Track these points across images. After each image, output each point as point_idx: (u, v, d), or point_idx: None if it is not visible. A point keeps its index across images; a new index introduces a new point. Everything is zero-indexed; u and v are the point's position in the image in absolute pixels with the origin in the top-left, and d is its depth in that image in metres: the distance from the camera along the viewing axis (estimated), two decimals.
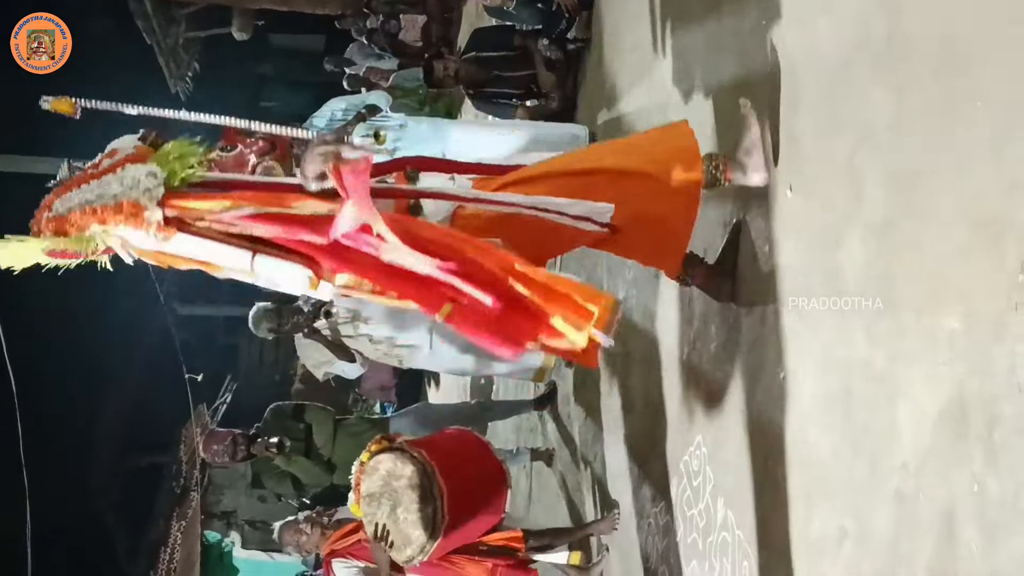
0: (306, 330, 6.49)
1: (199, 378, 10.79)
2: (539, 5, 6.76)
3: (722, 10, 4.12)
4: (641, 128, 5.02)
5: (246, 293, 4.95)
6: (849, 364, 2.97)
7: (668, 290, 4.57)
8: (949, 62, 2.51)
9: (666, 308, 4.59)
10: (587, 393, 6.11)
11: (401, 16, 11.56)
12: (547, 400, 7.02)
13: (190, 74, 17.11)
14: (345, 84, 12.33)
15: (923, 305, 2.58)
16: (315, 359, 6.95)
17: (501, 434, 8.34)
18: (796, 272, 3.34)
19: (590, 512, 5.89)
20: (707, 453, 4.05)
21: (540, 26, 6.84)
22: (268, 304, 6.54)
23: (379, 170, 3.29)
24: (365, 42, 12.36)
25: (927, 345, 2.55)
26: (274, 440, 6.42)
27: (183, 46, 15.92)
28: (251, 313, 6.58)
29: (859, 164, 2.96)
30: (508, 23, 7.23)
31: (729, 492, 3.84)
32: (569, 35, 6.72)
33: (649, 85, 5.14)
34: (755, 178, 3.47)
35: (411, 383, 13.29)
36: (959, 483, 2.39)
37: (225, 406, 15.09)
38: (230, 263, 3.01)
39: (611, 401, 5.52)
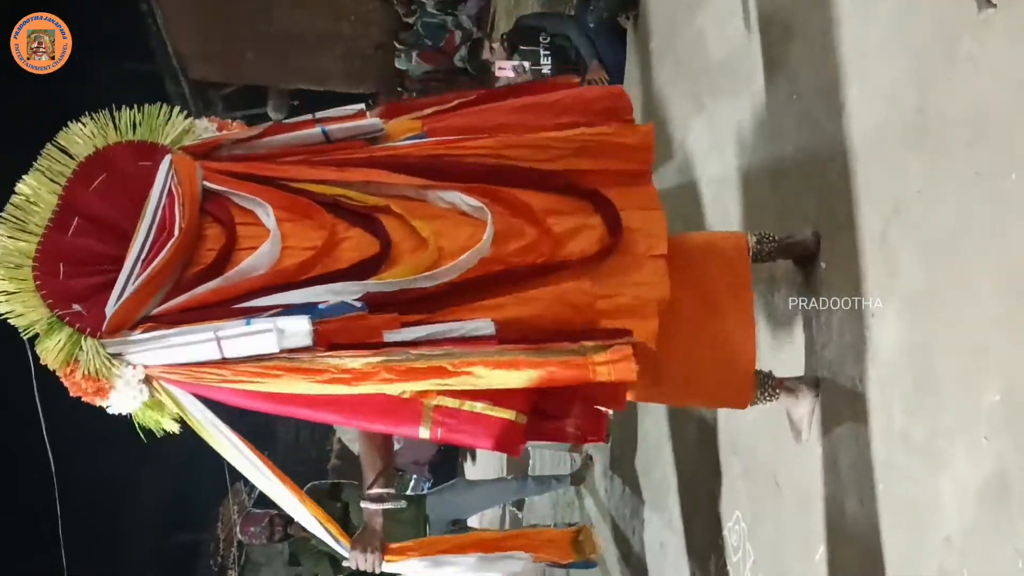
0: None
1: None
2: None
3: (753, 83, 4.16)
4: (677, 203, 5.05)
5: None
6: (888, 436, 2.95)
7: None
8: (982, 133, 2.52)
9: None
10: (624, 467, 6.07)
11: (433, 94, 11.73)
12: (584, 474, 6.98)
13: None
14: None
15: (962, 377, 2.56)
16: (351, 433, 6.94)
17: (538, 509, 8.29)
18: (832, 345, 3.33)
19: None
20: (746, 529, 4.01)
21: None
22: None
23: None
24: None
25: (967, 418, 2.53)
26: None
27: None
28: None
29: (893, 236, 2.96)
30: None
31: (769, 568, 3.80)
32: None
33: (682, 158, 5.17)
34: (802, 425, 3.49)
35: (447, 457, 13.25)
36: (1003, 559, 2.36)
37: None
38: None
39: (649, 476, 5.48)
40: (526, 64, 6.63)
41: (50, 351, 2.86)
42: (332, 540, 3.14)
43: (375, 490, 3.06)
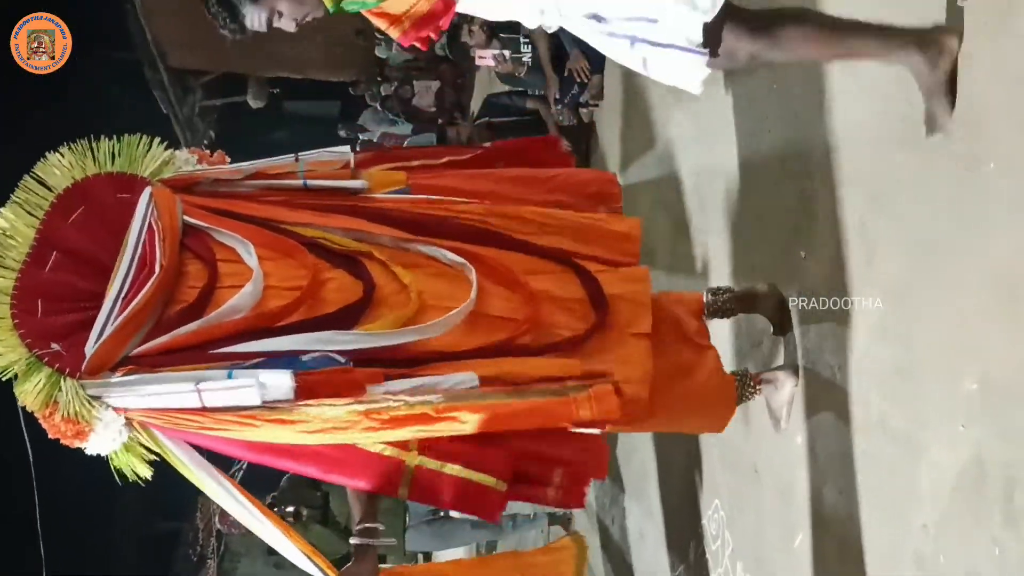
0: None
1: None
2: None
3: (733, 72, 4.16)
4: (657, 192, 5.05)
5: None
6: (867, 425, 2.96)
7: None
8: (964, 125, 2.53)
9: None
10: None
11: (415, 82, 11.69)
12: None
13: (206, 142, 17.25)
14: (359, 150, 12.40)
15: (940, 366, 2.58)
16: None
17: None
18: (810, 335, 3.35)
19: None
20: (725, 517, 4.03)
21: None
22: None
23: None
24: (379, 108, 12.47)
25: (945, 407, 2.55)
26: (291, 509, 6.41)
27: (199, 115, 16.08)
28: None
29: (872, 226, 2.97)
30: (520, 89, 7.30)
31: (748, 556, 3.81)
32: (582, 99, 6.78)
33: (664, 148, 5.18)
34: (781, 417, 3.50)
35: None
36: (980, 546, 2.38)
37: (242, 472, 15.08)
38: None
39: (629, 466, 5.49)
40: (507, 53, 6.62)
41: (29, 393, 2.81)
42: (320, 573, 3.11)
43: (365, 525, 3.03)
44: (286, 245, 3.03)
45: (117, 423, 2.84)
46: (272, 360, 2.82)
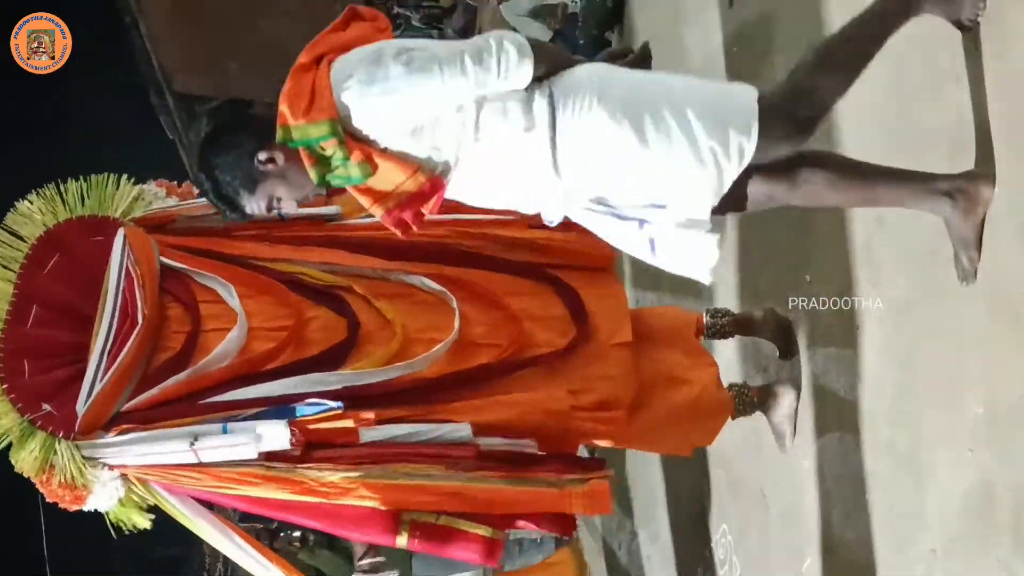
0: None
1: None
2: None
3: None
4: None
5: None
6: (874, 448, 2.96)
7: None
8: (962, 145, 2.53)
9: None
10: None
11: None
12: None
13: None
14: None
15: (946, 389, 2.57)
16: None
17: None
18: (817, 358, 3.35)
19: None
20: (732, 542, 4.01)
21: None
22: None
23: None
24: None
25: (951, 430, 2.54)
26: (297, 534, 6.40)
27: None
28: None
29: (877, 245, 2.97)
30: None
31: None
32: None
33: None
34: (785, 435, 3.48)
35: None
36: (987, 570, 2.36)
37: None
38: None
39: (636, 489, 5.48)
40: None
41: (25, 460, 2.83)
42: None
43: (367, 561, 3.03)
44: (266, 283, 3.07)
45: (114, 482, 2.86)
46: (266, 411, 2.86)
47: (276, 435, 2.78)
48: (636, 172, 2.29)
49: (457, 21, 11.89)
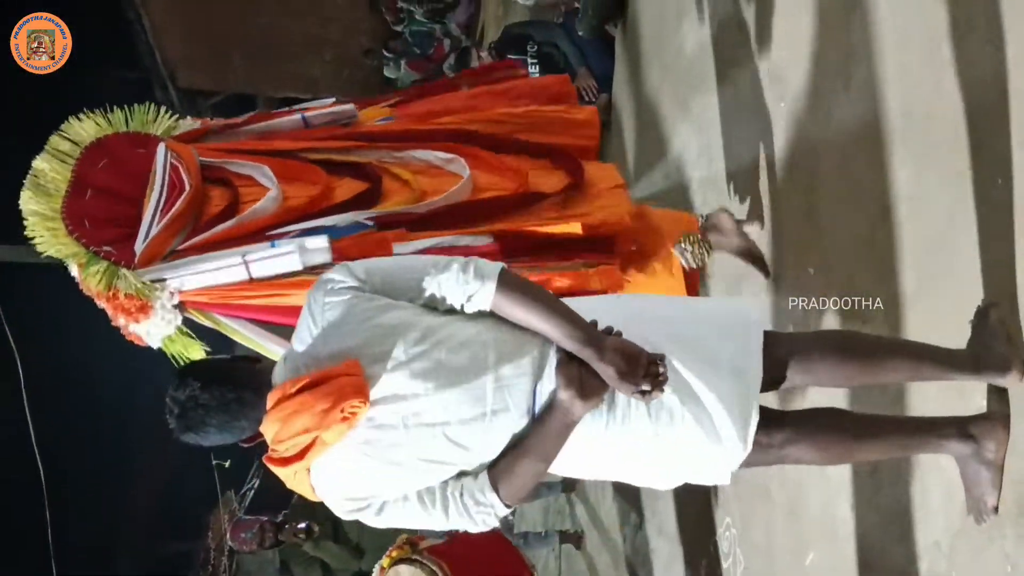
0: None
1: (227, 464, 10.78)
2: None
3: (739, 88, 4.17)
4: (665, 207, 5.05)
5: None
6: None
7: None
8: (966, 136, 2.53)
9: None
10: None
11: None
12: (574, 480, 6.95)
13: None
14: None
15: (947, 383, 2.56)
16: None
17: (529, 516, 8.27)
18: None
19: None
20: (736, 535, 4.02)
21: None
22: None
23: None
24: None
25: None
26: (302, 526, 6.40)
27: None
28: None
29: (881, 238, 2.97)
30: None
31: (760, 573, 3.80)
32: None
33: (671, 164, 5.18)
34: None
35: None
36: (992, 563, 2.36)
37: (253, 492, 15.09)
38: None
39: None
40: None
41: (92, 277, 3.17)
42: None
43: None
44: (295, 167, 3.40)
45: (172, 304, 3.20)
46: (308, 230, 3.22)
47: (318, 247, 3.16)
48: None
49: (460, 16, 11.88)
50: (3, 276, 8.29)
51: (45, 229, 3.21)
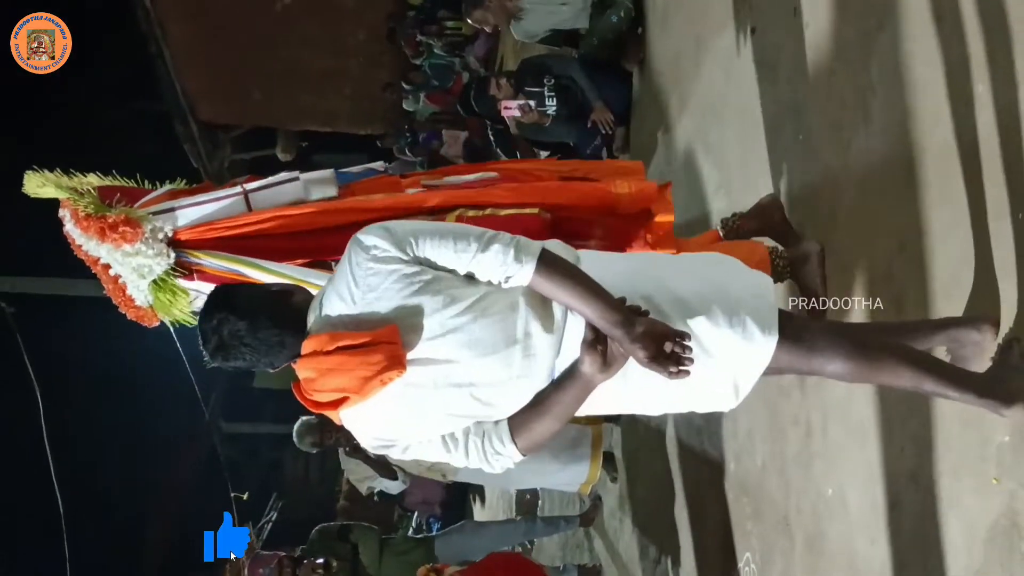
0: (347, 448, 6.49)
1: (244, 497, 10.77)
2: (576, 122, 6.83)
3: (757, 121, 4.17)
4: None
5: (289, 410, 4.93)
6: (898, 475, 2.94)
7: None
8: (985, 172, 2.53)
9: (711, 423, 4.56)
10: (634, 508, 6.04)
11: (443, 131, 11.73)
12: (593, 514, 6.93)
13: None
14: None
15: (971, 417, 2.55)
16: (359, 473, 6.95)
17: (547, 550, 8.24)
18: (840, 385, 3.32)
19: None
20: (756, 570, 3.99)
21: (574, 143, 6.91)
22: (312, 418, 6.55)
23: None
24: (408, 154, 12.53)
25: (977, 458, 2.52)
26: (320, 561, 6.38)
27: (228, 169, 16.24)
28: (295, 427, 6.58)
29: (898, 271, 2.96)
30: (545, 139, 7.32)
31: None
32: (604, 152, 6.79)
33: (690, 197, 5.19)
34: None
35: (456, 497, 13.17)
36: None
37: (271, 524, 15.08)
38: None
39: (659, 516, 5.45)
40: (532, 103, 6.66)
41: (85, 208, 3.11)
42: None
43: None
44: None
45: (162, 235, 3.11)
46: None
47: (323, 181, 3.19)
48: None
49: (479, 48, 11.94)
50: (28, 308, 8.34)
51: (45, 179, 3.22)
